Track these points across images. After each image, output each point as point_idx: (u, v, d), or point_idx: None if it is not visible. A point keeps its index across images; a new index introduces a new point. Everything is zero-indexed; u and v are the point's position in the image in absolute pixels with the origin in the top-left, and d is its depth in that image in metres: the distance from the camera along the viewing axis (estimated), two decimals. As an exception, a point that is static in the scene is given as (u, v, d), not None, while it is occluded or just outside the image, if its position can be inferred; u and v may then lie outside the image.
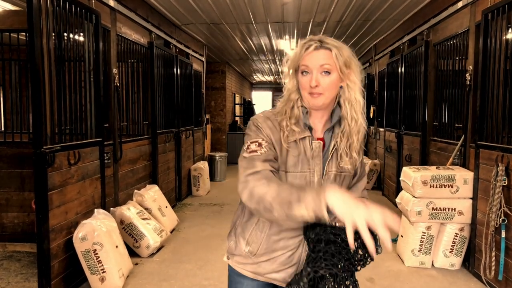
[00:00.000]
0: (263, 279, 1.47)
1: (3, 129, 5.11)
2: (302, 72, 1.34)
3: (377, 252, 1.19)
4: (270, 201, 1.16)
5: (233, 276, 1.53)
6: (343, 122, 1.38)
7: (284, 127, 1.34)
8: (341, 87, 1.36)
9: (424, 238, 3.84)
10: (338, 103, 1.39)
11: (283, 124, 1.34)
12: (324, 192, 1.10)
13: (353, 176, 1.47)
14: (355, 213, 1.04)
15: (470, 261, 3.79)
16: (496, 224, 3.20)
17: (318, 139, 1.38)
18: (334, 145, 1.38)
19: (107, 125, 4.12)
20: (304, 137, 1.35)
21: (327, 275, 1.25)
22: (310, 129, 1.37)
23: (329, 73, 1.31)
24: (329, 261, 1.22)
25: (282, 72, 1.62)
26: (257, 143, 1.31)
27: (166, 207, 4.96)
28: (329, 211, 1.09)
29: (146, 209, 4.50)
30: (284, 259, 1.42)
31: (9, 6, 4.88)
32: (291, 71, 1.38)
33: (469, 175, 3.74)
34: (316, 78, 1.30)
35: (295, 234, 1.40)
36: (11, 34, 4.07)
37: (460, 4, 4.12)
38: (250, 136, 1.35)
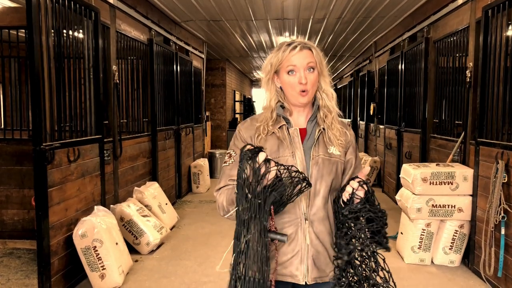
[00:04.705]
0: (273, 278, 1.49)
1: (3, 126, 5.11)
2: (288, 72, 1.49)
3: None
4: (225, 204, 1.47)
5: None
6: (321, 111, 1.56)
7: (260, 131, 1.51)
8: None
9: (423, 235, 3.84)
10: (315, 96, 1.58)
11: (260, 128, 1.51)
12: None
13: (344, 163, 1.56)
14: None
15: (469, 258, 3.79)
16: (496, 221, 3.20)
17: (300, 129, 1.53)
18: (320, 131, 1.52)
19: (107, 122, 4.12)
20: (281, 126, 1.52)
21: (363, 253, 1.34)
22: (287, 120, 1.53)
23: (313, 69, 1.50)
24: (371, 239, 1.32)
25: (259, 80, 1.76)
26: (229, 154, 1.55)
27: (166, 204, 4.97)
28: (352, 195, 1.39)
29: (146, 206, 4.50)
30: (285, 248, 1.48)
31: (8, 3, 4.87)
32: (268, 76, 1.55)
33: (469, 172, 3.74)
34: (305, 75, 1.47)
35: (289, 219, 1.47)
36: (10, 31, 4.07)
37: (460, 1, 4.11)
38: (231, 144, 1.58)
